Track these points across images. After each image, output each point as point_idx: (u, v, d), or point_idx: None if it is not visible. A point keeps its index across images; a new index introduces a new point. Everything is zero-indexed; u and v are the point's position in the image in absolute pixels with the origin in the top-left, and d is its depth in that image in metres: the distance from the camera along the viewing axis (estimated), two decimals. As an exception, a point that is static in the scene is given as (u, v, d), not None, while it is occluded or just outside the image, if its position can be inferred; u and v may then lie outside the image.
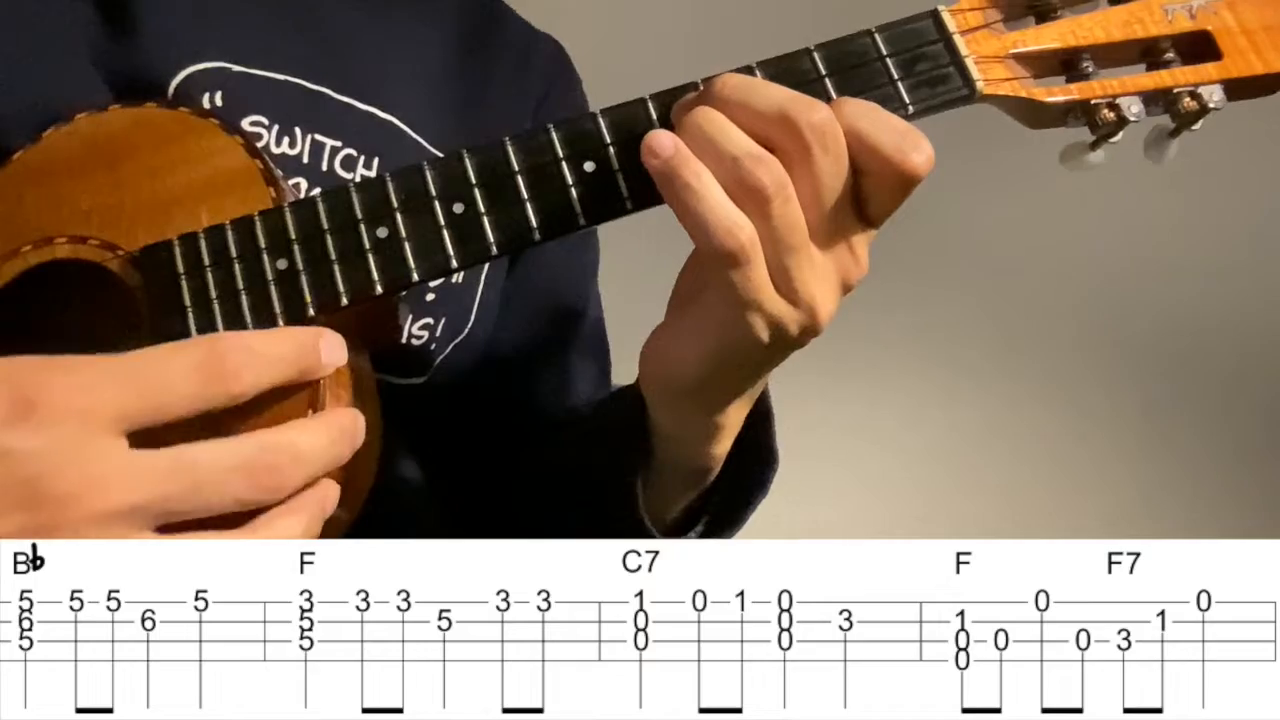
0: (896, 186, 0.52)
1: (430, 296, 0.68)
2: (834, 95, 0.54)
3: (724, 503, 0.67)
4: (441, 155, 0.69)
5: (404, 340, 0.68)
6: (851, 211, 0.53)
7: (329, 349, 0.50)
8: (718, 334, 0.54)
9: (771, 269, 0.52)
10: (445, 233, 0.54)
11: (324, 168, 0.65)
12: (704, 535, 0.67)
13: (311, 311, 0.54)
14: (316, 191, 0.63)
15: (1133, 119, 0.55)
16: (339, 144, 0.66)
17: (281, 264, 0.54)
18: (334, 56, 0.69)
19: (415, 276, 0.54)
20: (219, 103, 0.63)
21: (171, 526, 0.45)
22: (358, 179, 0.65)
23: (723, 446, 0.62)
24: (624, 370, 0.78)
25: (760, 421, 0.65)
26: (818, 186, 0.51)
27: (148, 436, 0.46)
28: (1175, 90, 0.55)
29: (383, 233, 0.54)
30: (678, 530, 0.67)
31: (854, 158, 0.52)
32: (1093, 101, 0.55)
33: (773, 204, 0.51)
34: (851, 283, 0.55)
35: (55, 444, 0.44)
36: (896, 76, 0.55)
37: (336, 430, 0.49)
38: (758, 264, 0.51)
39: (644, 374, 0.59)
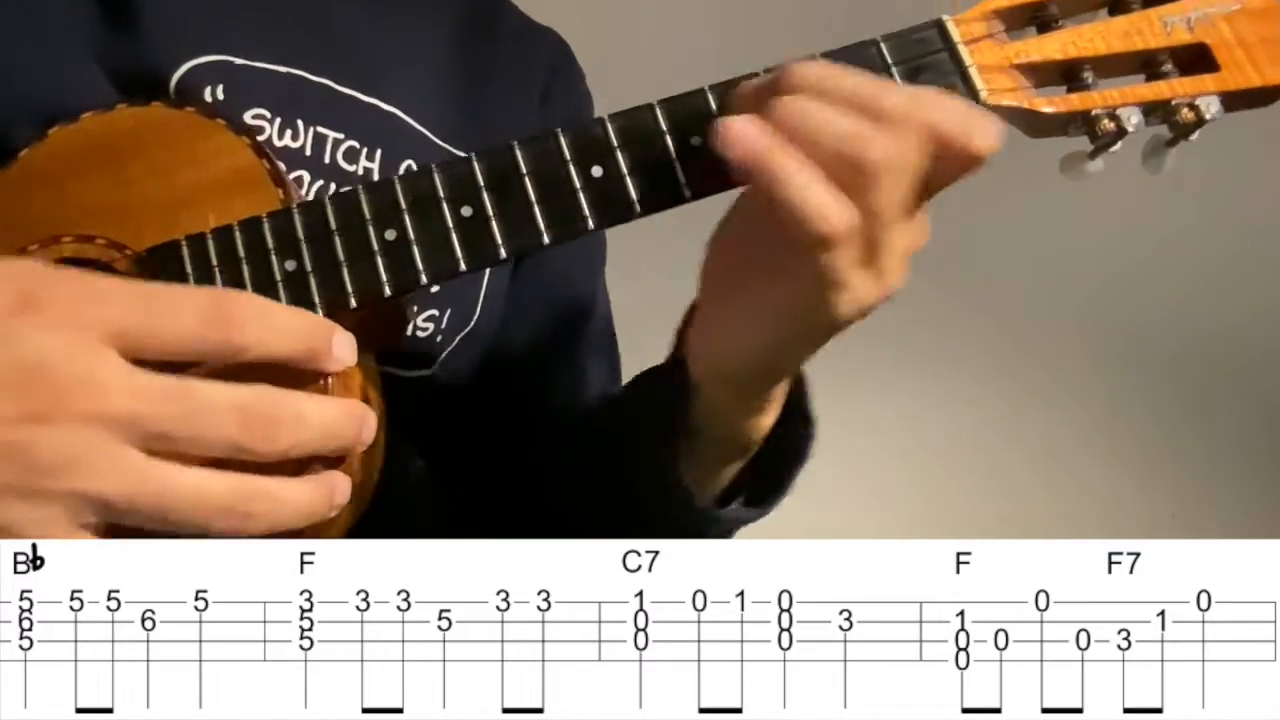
0: (961, 166, 0.52)
1: (435, 288, 0.68)
2: None
3: (765, 471, 0.66)
4: (444, 146, 0.69)
5: (409, 333, 0.68)
6: (923, 187, 0.53)
7: (340, 344, 0.50)
8: (789, 317, 0.54)
9: (861, 247, 0.52)
10: (453, 236, 0.55)
11: (326, 160, 0.65)
12: (746, 506, 0.66)
13: (320, 313, 0.54)
14: (319, 186, 0.64)
15: (1132, 129, 0.55)
16: (341, 136, 0.66)
17: (290, 265, 0.54)
18: (336, 48, 0.68)
19: (423, 279, 0.54)
20: (221, 96, 0.63)
21: (161, 455, 0.45)
22: (360, 171, 0.65)
23: (771, 417, 0.62)
24: (626, 370, 0.78)
25: (797, 387, 0.64)
26: (902, 165, 0.51)
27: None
28: (1173, 101, 0.56)
29: (391, 235, 0.55)
30: (719, 505, 0.66)
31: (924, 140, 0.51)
32: (1093, 112, 0.56)
33: (879, 181, 0.50)
34: (917, 250, 0.55)
35: (53, 343, 0.44)
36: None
37: (345, 412, 0.49)
38: (852, 245, 0.51)
39: (696, 360, 0.59)
